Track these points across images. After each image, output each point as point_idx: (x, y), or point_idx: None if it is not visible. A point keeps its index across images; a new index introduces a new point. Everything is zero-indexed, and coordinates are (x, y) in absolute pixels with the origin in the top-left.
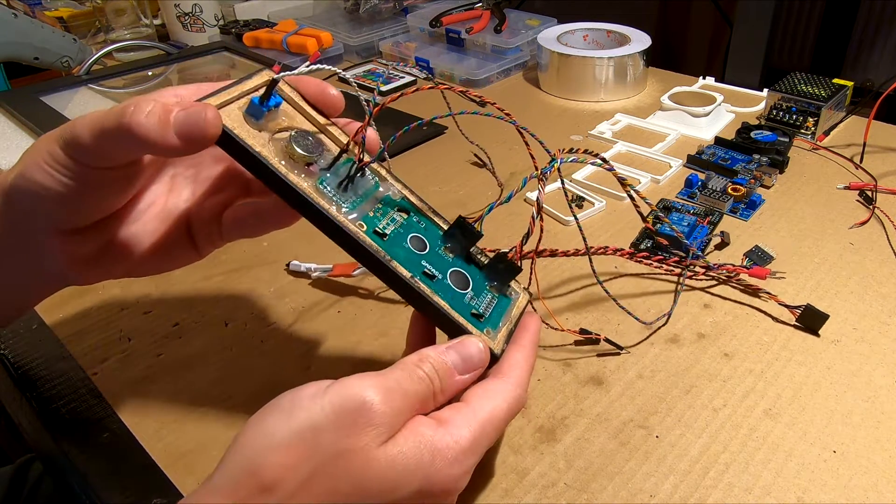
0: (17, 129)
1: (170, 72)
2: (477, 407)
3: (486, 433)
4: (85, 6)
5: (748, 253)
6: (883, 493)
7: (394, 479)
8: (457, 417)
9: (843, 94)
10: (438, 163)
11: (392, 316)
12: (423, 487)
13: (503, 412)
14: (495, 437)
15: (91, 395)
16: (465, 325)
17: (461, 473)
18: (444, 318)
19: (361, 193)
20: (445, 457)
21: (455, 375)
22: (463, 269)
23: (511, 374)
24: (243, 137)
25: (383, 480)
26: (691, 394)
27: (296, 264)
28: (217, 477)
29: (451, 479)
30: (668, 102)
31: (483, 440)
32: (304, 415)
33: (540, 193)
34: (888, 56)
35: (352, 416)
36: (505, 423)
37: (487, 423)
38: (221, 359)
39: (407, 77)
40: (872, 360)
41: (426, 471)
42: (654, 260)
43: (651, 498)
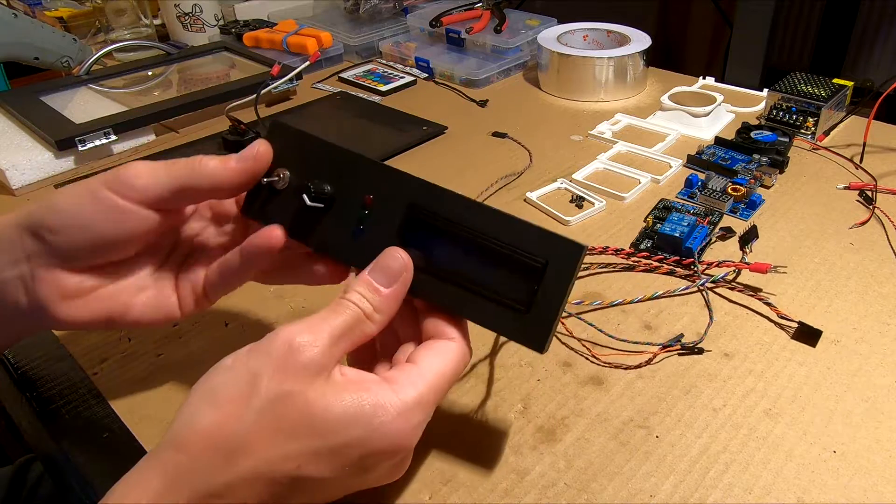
0: (17, 129)
1: (170, 72)
2: (424, 366)
3: (433, 390)
4: (85, 6)
5: (743, 237)
6: (883, 493)
7: (333, 421)
8: (402, 376)
9: (843, 94)
10: (438, 163)
11: None
12: (366, 438)
13: (450, 370)
14: (442, 394)
15: (91, 395)
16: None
17: (408, 429)
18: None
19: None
20: (388, 411)
21: (381, 290)
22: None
23: (454, 332)
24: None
25: (323, 422)
26: (691, 394)
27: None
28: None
29: (396, 433)
30: (668, 102)
31: (430, 397)
32: (242, 366)
33: None
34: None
35: (283, 359)
36: (452, 381)
37: (434, 381)
38: (221, 359)
39: (407, 77)
40: (872, 360)
41: (368, 422)
42: (654, 260)
43: (651, 498)
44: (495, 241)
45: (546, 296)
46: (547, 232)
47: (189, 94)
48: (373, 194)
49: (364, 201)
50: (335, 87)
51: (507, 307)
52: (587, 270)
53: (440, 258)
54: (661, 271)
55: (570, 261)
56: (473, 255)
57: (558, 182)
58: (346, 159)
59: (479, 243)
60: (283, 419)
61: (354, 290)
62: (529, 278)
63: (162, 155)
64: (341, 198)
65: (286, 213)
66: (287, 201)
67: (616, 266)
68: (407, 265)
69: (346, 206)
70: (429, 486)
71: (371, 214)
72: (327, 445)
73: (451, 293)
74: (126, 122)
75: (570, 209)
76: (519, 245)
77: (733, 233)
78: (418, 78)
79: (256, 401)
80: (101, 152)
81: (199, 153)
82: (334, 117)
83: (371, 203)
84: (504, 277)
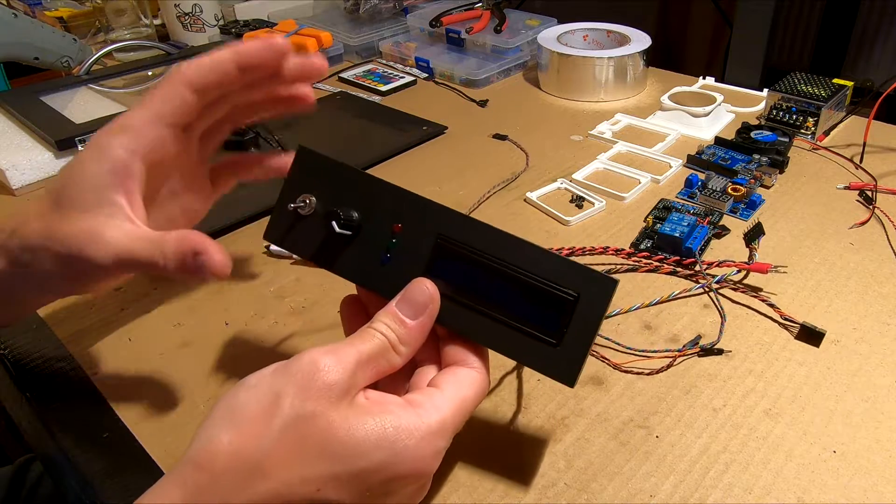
0: (17, 129)
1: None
2: (447, 392)
3: (455, 417)
4: (85, 6)
5: (748, 234)
6: (883, 493)
7: (354, 445)
8: (426, 400)
9: (843, 94)
10: (438, 163)
11: None
12: (389, 462)
13: (471, 398)
14: (462, 422)
15: (91, 395)
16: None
17: (430, 454)
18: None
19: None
20: (413, 435)
21: (407, 322)
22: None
23: (476, 361)
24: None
25: (346, 446)
26: (691, 394)
27: (276, 248)
28: (193, 450)
29: (419, 459)
30: (668, 102)
31: (452, 423)
32: (266, 385)
33: None
34: (888, 56)
35: (307, 380)
36: (472, 409)
37: (456, 408)
38: (221, 359)
39: (407, 77)
40: (872, 361)
41: (391, 446)
42: (654, 260)
43: (651, 498)
44: (526, 273)
45: (577, 329)
46: (579, 266)
47: None
48: (401, 222)
49: (392, 229)
50: (335, 87)
51: (537, 340)
52: None
53: (469, 288)
54: (662, 271)
55: (603, 295)
56: (503, 286)
57: (558, 182)
58: (375, 187)
59: (510, 275)
60: (305, 441)
61: (381, 320)
62: (561, 311)
63: None
64: (369, 225)
65: (312, 239)
66: (312, 227)
67: (619, 267)
68: (434, 297)
69: (374, 234)
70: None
71: (399, 243)
72: (348, 470)
73: (478, 323)
74: None
75: (570, 209)
76: (550, 278)
77: (728, 230)
78: (418, 78)
79: (278, 421)
80: None
81: None
82: (334, 117)
83: (399, 231)
84: (534, 310)
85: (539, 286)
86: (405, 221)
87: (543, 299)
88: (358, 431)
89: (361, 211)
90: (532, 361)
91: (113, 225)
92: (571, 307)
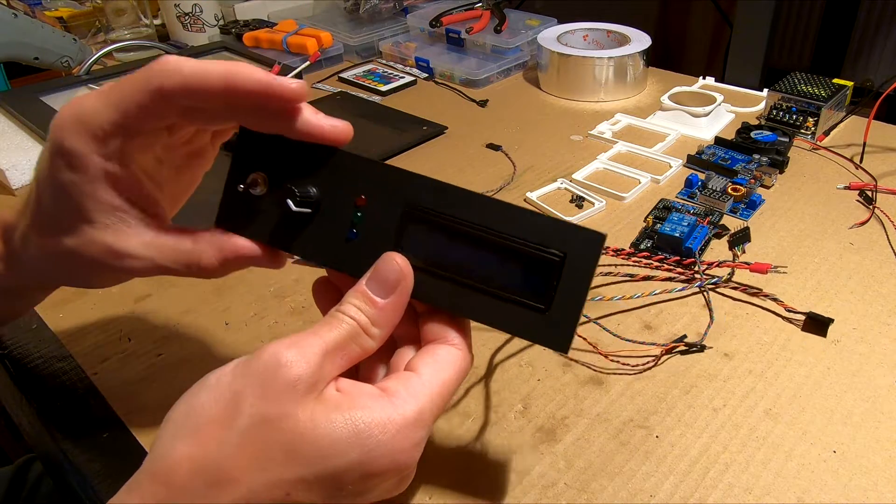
0: (17, 129)
1: None
2: (425, 376)
3: (435, 403)
4: (85, 6)
5: (733, 238)
6: (883, 493)
7: (325, 446)
8: (401, 388)
9: (843, 94)
10: (438, 163)
11: None
12: (363, 460)
13: (452, 380)
14: (444, 406)
15: (91, 395)
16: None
17: (409, 447)
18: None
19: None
20: (387, 429)
21: (378, 302)
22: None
23: (457, 337)
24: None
25: (314, 446)
26: (691, 394)
27: None
28: (150, 460)
29: (396, 452)
30: (668, 102)
31: (431, 410)
32: (225, 385)
33: None
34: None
35: (270, 379)
36: (453, 391)
37: (436, 393)
38: (221, 359)
39: (407, 77)
40: (872, 360)
41: (364, 443)
42: (654, 260)
43: (651, 498)
44: (506, 235)
45: (566, 291)
46: (562, 222)
47: None
48: (364, 194)
49: (355, 202)
50: (335, 87)
51: (524, 307)
52: None
53: (445, 258)
54: (662, 270)
55: (590, 251)
56: (483, 252)
57: (558, 182)
58: (331, 157)
59: (489, 239)
60: (269, 444)
61: (349, 302)
62: (547, 274)
63: None
64: (329, 200)
65: (267, 221)
66: (267, 208)
67: (619, 267)
68: (406, 272)
69: (336, 209)
70: (429, 486)
71: (364, 216)
72: (318, 471)
73: (458, 296)
74: None
75: (570, 209)
76: (533, 239)
77: (727, 230)
78: (418, 78)
79: (239, 423)
80: None
81: None
82: (334, 117)
83: (363, 204)
84: (519, 275)
85: (521, 249)
86: (369, 192)
87: (527, 263)
88: (326, 430)
89: (319, 185)
90: (520, 330)
91: (128, 234)
92: (558, 268)
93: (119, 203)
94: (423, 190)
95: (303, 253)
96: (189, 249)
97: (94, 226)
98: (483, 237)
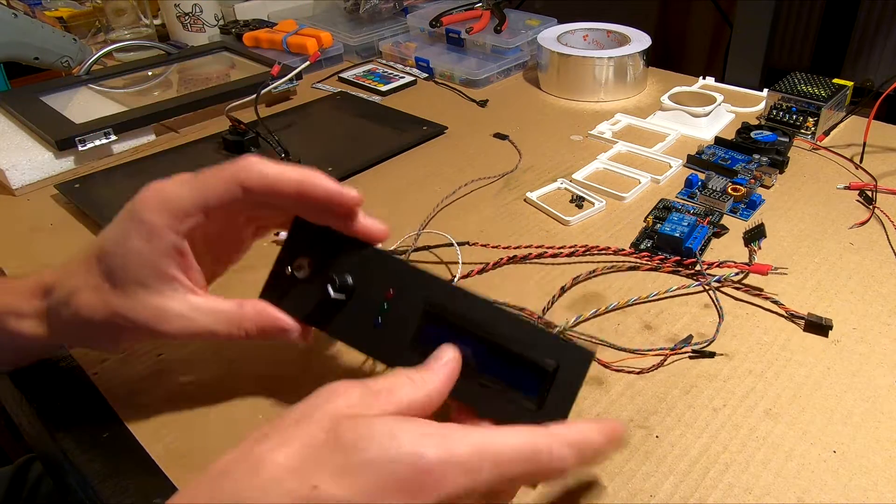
0: (17, 129)
1: (169, 72)
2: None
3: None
4: (85, 6)
5: (748, 235)
6: (883, 493)
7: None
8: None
9: (843, 94)
10: (438, 163)
11: None
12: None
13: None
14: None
15: (91, 395)
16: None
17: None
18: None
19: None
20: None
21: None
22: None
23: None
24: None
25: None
26: (691, 394)
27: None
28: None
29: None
30: (668, 102)
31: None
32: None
33: None
34: (888, 56)
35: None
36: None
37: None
38: (221, 359)
39: (407, 77)
40: (872, 360)
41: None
42: (654, 260)
43: (651, 498)
44: (509, 343)
45: (557, 396)
46: (558, 338)
47: (189, 94)
48: (393, 288)
49: (385, 295)
50: (335, 87)
51: (519, 403)
52: (585, 269)
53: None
54: (663, 271)
55: (580, 366)
56: (487, 353)
57: (558, 182)
58: (369, 254)
59: (494, 343)
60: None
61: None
62: (541, 380)
63: (163, 155)
64: (362, 290)
65: (307, 301)
66: (307, 290)
67: (622, 264)
68: (455, 357)
69: (367, 299)
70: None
71: (390, 308)
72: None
73: (466, 386)
74: (126, 122)
75: (570, 209)
76: (532, 348)
77: (726, 229)
78: (418, 78)
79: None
80: (102, 152)
81: (200, 153)
82: (334, 117)
83: (391, 297)
84: (516, 377)
85: (521, 356)
86: (396, 288)
87: (524, 368)
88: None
89: (355, 275)
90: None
91: (178, 299)
92: (551, 377)
93: (175, 273)
94: (442, 291)
95: (334, 333)
96: (233, 313)
97: (148, 290)
98: (489, 340)
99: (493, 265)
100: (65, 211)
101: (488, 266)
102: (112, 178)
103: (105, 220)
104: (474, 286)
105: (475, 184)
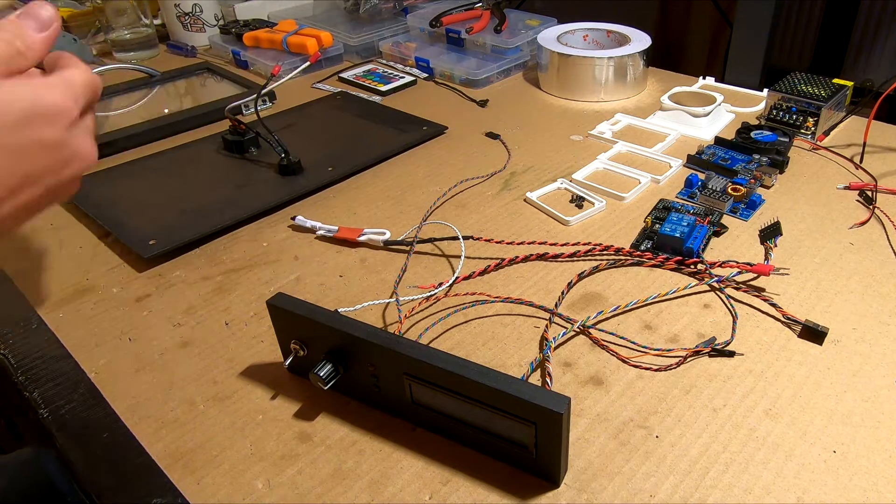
0: None
1: (152, 94)
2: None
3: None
4: (85, 6)
5: (764, 233)
6: (883, 493)
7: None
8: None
9: (843, 94)
10: (438, 163)
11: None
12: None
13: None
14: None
15: (91, 395)
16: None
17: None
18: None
19: None
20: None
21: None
22: None
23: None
24: None
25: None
26: (691, 394)
27: (301, 219)
28: None
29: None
30: (668, 102)
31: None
32: None
33: None
34: (888, 56)
35: None
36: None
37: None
38: (221, 359)
39: (407, 77)
40: (872, 361)
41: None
42: (655, 260)
43: (651, 498)
44: (485, 405)
45: (546, 445)
46: (527, 402)
47: (169, 115)
48: (372, 363)
49: (368, 370)
50: (335, 87)
51: (518, 451)
52: (585, 268)
53: (451, 411)
54: (666, 268)
55: (555, 422)
56: (473, 410)
57: (558, 182)
58: (341, 334)
59: (475, 402)
60: None
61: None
62: (529, 431)
63: (163, 154)
64: (350, 368)
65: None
66: (314, 366)
67: (624, 261)
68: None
69: (357, 374)
70: (429, 486)
71: (378, 378)
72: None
73: (472, 436)
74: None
75: (570, 209)
76: (509, 409)
77: (726, 228)
78: (418, 78)
79: None
80: None
81: (200, 153)
82: (334, 117)
83: (374, 370)
84: (509, 429)
85: (501, 414)
86: (375, 362)
87: (513, 421)
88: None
89: (337, 356)
90: (520, 466)
91: None
92: (535, 431)
93: None
94: (416, 357)
95: (353, 396)
96: None
97: None
98: (472, 401)
99: (494, 266)
100: (65, 211)
101: (489, 268)
102: (112, 178)
103: (105, 220)
104: (476, 286)
105: (475, 183)
